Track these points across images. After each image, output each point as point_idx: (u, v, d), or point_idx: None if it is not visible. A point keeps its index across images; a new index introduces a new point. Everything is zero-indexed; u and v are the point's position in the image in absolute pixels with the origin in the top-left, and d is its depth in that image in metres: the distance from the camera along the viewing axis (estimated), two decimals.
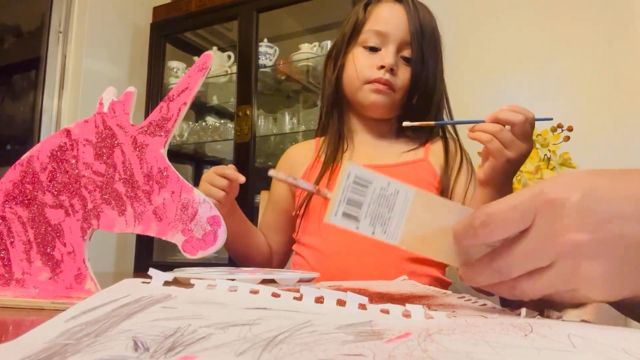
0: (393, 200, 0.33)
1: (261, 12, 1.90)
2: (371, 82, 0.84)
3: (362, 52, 0.86)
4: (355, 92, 0.87)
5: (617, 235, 0.27)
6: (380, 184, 0.33)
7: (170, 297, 0.28)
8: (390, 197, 0.33)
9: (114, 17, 2.11)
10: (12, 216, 0.42)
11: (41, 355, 0.19)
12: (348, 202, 0.33)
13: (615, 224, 0.27)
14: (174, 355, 0.19)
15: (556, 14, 1.57)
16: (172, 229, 0.40)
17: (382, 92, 0.84)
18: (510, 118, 0.64)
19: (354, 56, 0.87)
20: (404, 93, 0.86)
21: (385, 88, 0.84)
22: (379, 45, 0.85)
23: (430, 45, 0.85)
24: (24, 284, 0.41)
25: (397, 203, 0.34)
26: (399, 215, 0.34)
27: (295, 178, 0.35)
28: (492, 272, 0.31)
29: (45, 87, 1.93)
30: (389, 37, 0.84)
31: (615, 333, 0.23)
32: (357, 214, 0.33)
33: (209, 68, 0.42)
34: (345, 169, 0.33)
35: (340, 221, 0.33)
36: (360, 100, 0.87)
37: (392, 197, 0.33)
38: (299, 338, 0.21)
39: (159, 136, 0.41)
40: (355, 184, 0.33)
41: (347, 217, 0.33)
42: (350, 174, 0.33)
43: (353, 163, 0.34)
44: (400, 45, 0.84)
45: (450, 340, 0.21)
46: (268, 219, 0.97)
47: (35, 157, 0.43)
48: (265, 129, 1.93)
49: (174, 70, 2.11)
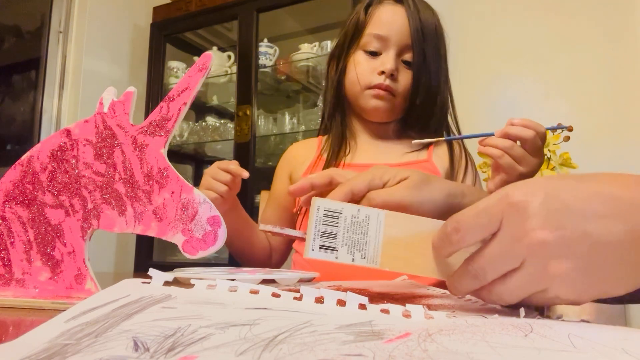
0: (366, 226, 0.35)
1: (261, 12, 1.90)
2: (372, 87, 0.84)
3: (363, 56, 0.86)
4: (356, 97, 0.87)
5: (580, 233, 0.28)
6: (350, 212, 0.35)
7: (170, 297, 0.28)
8: (362, 223, 0.35)
9: (114, 17, 2.11)
10: (12, 216, 0.42)
11: (41, 355, 0.19)
12: (322, 235, 0.34)
13: (578, 223, 0.28)
14: (174, 356, 0.19)
15: (556, 13, 1.57)
16: (172, 229, 0.40)
17: (383, 97, 0.84)
18: (521, 134, 0.64)
19: (355, 60, 0.87)
20: (406, 97, 0.86)
21: (386, 94, 0.84)
22: (380, 49, 0.85)
23: (431, 47, 0.85)
24: (24, 284, 0.41)
25: (371, 227, 0.35)
26: (375, 239, 0.35)
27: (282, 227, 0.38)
28: (470, 278, 0.31)
29: (45, 87, 1.93)
30: (390, 41, 0.84)
31: (615, 333, 0.23)
32: (334, 244, 0.34)
33: (209, 68, 0.42)
34: (314, 204, 0.35)
35: (318, 254, 0.34)
36: (362, 105, 0.87)
37: (365, 222, 0.35)
38: (299, 338, 0.21)
39: (159, 136, 0.41)
40: (326, 216, 0.35)
41: (324, 250, 0.34)
42: (319, 208, 0.35)
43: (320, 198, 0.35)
44: (401, 49, 0.84)
45: (450, 340, 0.21)
46: (268, 216, 0.97)
47: (35, 157, 0.43)
48: (265, 129, 1.93)
49: (174, 70, 2.12)
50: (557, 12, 1.56)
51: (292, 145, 1.02)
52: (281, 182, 0.96)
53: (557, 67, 1.54)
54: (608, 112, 1.46)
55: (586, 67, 1.51)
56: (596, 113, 1.47)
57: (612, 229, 0.27)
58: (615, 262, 0.27)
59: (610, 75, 1.47)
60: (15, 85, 2.10)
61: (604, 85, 1.48)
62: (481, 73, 1.63)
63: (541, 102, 1.54)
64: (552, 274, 0.28)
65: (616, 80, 1.46)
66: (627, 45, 1.46)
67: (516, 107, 1.58)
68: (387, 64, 0.83)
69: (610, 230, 0.27)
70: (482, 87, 1.62)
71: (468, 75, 1.59)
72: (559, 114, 1.52)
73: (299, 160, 0.95)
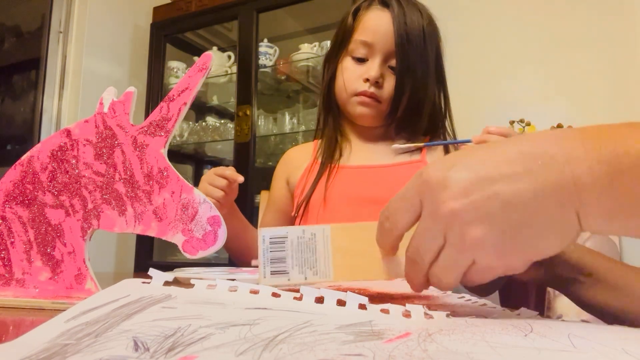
0: (313, 243, 0.36)
1: (261, 12, 1.90)
2: (357, 94, 0.85)
3: (350, 62, 0.87)
4: (344, 103, 0.89)
5: (488, 196, 0.27)
6: (295, 234, 0.36)
7: (170, 297, 0.28)
8: (309, 242, 0.36)
9: (114, 17, 2.11)
10: (13, 216, 0.42)
11: (41, 355, 0.19)
12: (272, 261, 0.36)
13: (485, 186, 0.27)
14: (174, 355, 0.19)
15: (557, 14, 1.57)
16: (172, 229, 0.40)
17: (368, 104, 0.85)
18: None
19: (342, 66, 0.88)
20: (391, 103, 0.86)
21: (371, 101, 0.85)
22: (366, 55, 0.86)
23: (417, 51, 0.84)
24: (24, 284, 0.41)
25: (318, 244, 0.36)
26: (324, 254, 0.36)
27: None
28: (410, 265, 0.31)
29: (45, 87, 1.94)
30: (375, 48, 0.84)
31: (615, 333, 0.23)
32: (284, 268, 0.36)
33: (209, 68, 0.42)
34: (259, 235, 0.36)
35: (270, 280, 0.36)
36: (349, 111, 0.89)
37: (311, 240, 0.36)
38: (299, 338, 0.21)
39: (159, 136, 0.41)
40: (272, 243, 0.36)
41: (276, 275, 0.36)
42: (264, 238, 0.36)
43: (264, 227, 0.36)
44: (387, 55, 0.84)
45: (450, 340, 0.21)
46: (268, 220, 0.98)
47: (35, 157, 0.43)
48: (265, 129, 1.93)
49: (174, 70, 2.12)
50: (557, 12, 1.56)
51: (289, 150, 1.03)
52: (279, 187, 0.97)
53: (557, 67, 1.54)
54: (608, 112, 1.46)
55: (586, 67, 1.51)
56: (596, 113, 1.47)
57: (520, 186, 0.27)
58: (533, 220, 0.27)
59: (610, 75, 1.47)
60: (15, 85, 2.10)
61: (604, 85, 1.48)
62: (481, 73, 1.63)
63: (541, 102, 1.54)
64: (472, 241, 0.28)
65: (616, 80, 1.46)
66: (627, 45, 1.46)
67: (516, 107, 1.58)
68: (371, 72, 0.84)
69: (518, 188, 0.27)
70: (482, 87, 1.62)
71: (468, 75, 1.59)
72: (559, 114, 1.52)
73: (295, 164, 0.96)
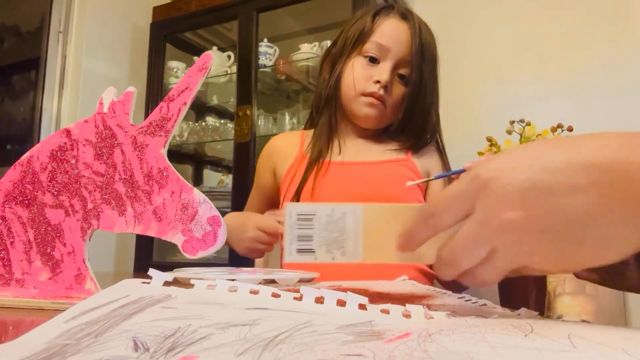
0: (343, 223, 0.35)
1: (261, 12, 1.90)
2: (366, 94, 0.87)
3: (361, 62, 0.89)
4: (350, 101, 0.90)
5: (549, 209, 0.27)
6: (324, 212, 0.35)
7: (170, 297, 0.28)
8: (338, 221, 0.35)
9: (114, 17, 2.11)
10: (12, 216, 0.42)
11: (41, 356, 0.19)
12: (299, 239, 0.35)
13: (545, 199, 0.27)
14: (174, 356, 0.19)
15: (557, 13, 1.57)
16: (172, 229, 0.39)
17: (375, 106, 0.87)
18: None
19: (353, 65, 0.89)
20: (394, 109, 0.89)
21: (379, 103, 0.87)
22: (379, 57, 0.87)
23: (429, 67, 0.88)
24: (24, 284, 0.41)
25: (348, 224, 0.35)
26: (354, 234, 0.35)
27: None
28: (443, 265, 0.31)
29: (45, 87, 1.93)
30: (389, 53, 0.87)
31: (615, 333, 0.23)
32: (311, 246, 0.35)
33: (209, 68, 0.42)
34: (286, 210, 0.35)
35: (297, 258, 0.35)
36: (354, 110, 0.90)
37: (341, 220, 0.35)
38: (299, 338, 0.21)
39: (159, 136, 0.41)
40: (300, 220, 0.35)
41: (302, 253, 0.35)
42: (291, 214, 0.35)
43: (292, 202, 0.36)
44: (398, 63, 0.87)
45: (450, 341, 0.21)
46: (255, 203, 1.02)
47: (35, 157, 0.43)
48: (265, 129, 1.93)
49: (174, 70, 2.11)
50: (558, 13, 1.56)
51: (274, 138, 1.04)
52: (265, 177, 0.99)
53: (557, 67, 1.54)
54: (608, 112, 1.46)
55: (586, 67, 1.51)
56: (596, 113, 1.46)
57: (585, 200, 0.26)
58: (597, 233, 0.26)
59: (610, 75, 1.47)
60: (15, 85, 2.10)
61: (604, 85, 1.48)
62: (481, 73, 1.63)
63: (541, 102, 1.54)
64: (528, 253, 0.28)
65: (616, 80, 1.46)
66: (627, 45, 1.46)
67: (516, 107, 1.57)
68: (383, 75, 0.86)
69: (583, 202, 0.26)
70: (482, 87, 1.62)
71: (468, 75, 1.59)
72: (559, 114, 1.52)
73: (281, 154, 0.97)
